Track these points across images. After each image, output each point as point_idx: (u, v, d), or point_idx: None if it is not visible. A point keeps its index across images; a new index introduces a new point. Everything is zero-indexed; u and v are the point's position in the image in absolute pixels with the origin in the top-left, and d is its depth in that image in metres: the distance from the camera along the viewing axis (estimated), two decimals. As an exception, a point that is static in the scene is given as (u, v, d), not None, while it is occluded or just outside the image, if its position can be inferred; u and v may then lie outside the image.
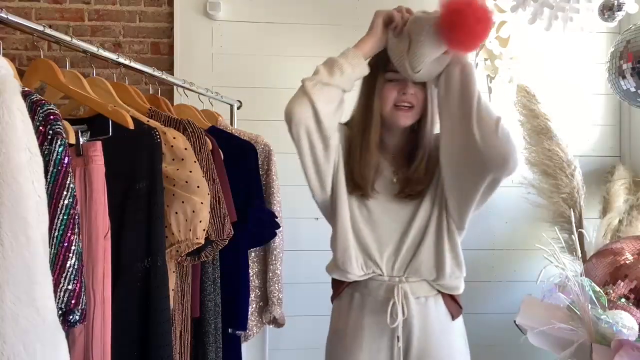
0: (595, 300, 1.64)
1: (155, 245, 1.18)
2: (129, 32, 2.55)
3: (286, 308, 2.08)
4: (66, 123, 1.02)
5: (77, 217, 0.91)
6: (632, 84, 1.90)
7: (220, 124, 1.93)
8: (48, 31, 1.22)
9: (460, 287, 1.39)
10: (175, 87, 2.20)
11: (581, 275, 1.76)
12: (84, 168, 1.05)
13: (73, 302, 0.89)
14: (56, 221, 0.88)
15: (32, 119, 0.87)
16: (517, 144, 1.24)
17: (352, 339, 1.36)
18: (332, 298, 1.47)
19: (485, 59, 2.33)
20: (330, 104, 1.25)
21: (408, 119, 1.34)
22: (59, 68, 1.24)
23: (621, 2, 1.87)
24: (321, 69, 1.26)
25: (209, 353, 1.53)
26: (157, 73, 1.67)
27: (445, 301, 1.38)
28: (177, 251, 1.28)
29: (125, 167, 1.17)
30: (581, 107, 2.64)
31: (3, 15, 1.07)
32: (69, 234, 0.90)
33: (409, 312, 1.33)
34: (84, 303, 0.91)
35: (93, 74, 1.42)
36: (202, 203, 1.27)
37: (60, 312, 0.88)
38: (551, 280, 1.83)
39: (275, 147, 2.01)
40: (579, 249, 2.20)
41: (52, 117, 0.90)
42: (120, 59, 1.49)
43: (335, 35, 2.49)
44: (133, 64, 1.55)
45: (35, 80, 1.24)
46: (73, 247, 0.90)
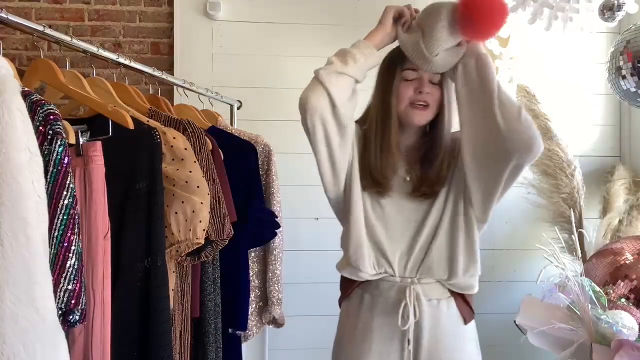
0: (595, 300, 1.64)
1: (155, 245, 1.18)
2: (129, 32, 2.55)
3: (286, 308, 2.08)
4: (66, 123, 1.02)
5: (77, 217, 0.91)
6: (632, 84, 1.90)
7: (220, 124, 1.93)
8: (48, 31, 1.22)
9: (474, 286, 1.36)
10: (175, 87, 2.20)
11: (581, 275, 1.76)
12: (84, 168, 1.05)
13: (73, 302, 0.89)
14: (56, 221, 0.88)
15: (32, 119, 0.87)
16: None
17: (361, 341, 1.34)
18: (340, 300, 1.44)
19: (485, 59, 2.33)
20: (344, 92, 1.25)
21: (423, 118, 1.34)
22: (59, 68, 1.24)
23: (621, 2, 1.87)
24: (334, 59, 1.27)
25: (209, 353, 1.53)
26: (157, 73, 1.67)
27: (458, 304, 1.35)
28: (177, 251, 1.28)
29: (125, 167, 1.17)
30: (581, 107, 2.63)
31: (3, 15, 1.07)
32: (69, 234, 0.90)
33: (421, 315, 1.30)
34: (84, 303, 0.91)
35: (93, 74, 1.42)
36: (202, 203, 1.27)
37: (60, 312, 0.88)
38: (551, 280, 1.83)
39: (275, 147, 2.01)
40: (579, 249, 2.20)
41: (52, 117, 0.90)
42: (120, 59, 1.49)
43: (335, 35, 2.49)
44: (133, 64, 1.55)
45: (35, 80, 1.23)
46: (73, 247, 0.90)
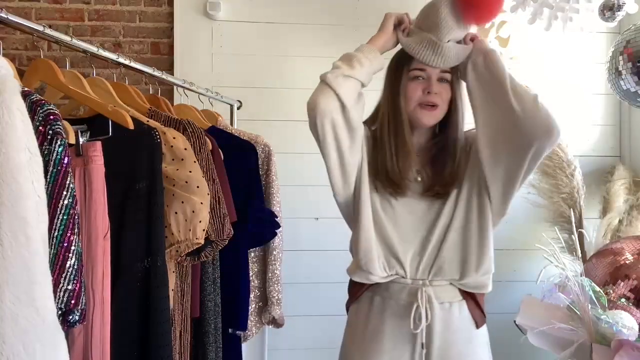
0: (595, 300, 1.64)
1: (155, 245, 1.18)
2: (129, 32, 2.55)
3: (285, 308, 2.07)
4: (66, 123, 1.02)
5: (76, 217, 0.91)
6: (632, 84, 1.90)
7: (220, 124, 1.93)
8: (48, 31, 1.22)
9: (488, 285, 1.35)
10: (175, 87, 2.20)
11: (581, 275, 1.76)
12: (84, 168, 1.05)
13: (73, 302, 0.89)
14: (56, 221, 0.88)
15: (32, 119, 0.87)
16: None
17: (371, 344, 1.33)
18: (348, 303, 1.43)
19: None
20: (352, 95, 1.26)
21: (432, 118, 1.34)
22: (59, 68, 1.24)
23: (621, 2, 1.87)
24: (340, 63, 1.28)
25: (208, 353, 1.53)
26: (157, 73, 1.67)
27: (470, 307, 1.35)
28: (176, 251, 1.28)
29: (125, 167, 1.17)
30: (581, 107, 2.63)
31: (3, 15, 1.07)
32: (69, 234, 0.90)
33: (432, 318, 1.29)
34: (84, 303, 0.91)
35: (93, 74, 1.41)
36: (201, 203, 1.27)
37: (59, 312, 0.88)
38: (551, 280, 1.83)
39: (275, 147, 2.01)
40: (579, 249, 2.20)
41: (52, 117, 0.90)
42: (120, 59, 1.49)
43: (335, 35, 2.49)
44: (133, 64, 1.55)
45: (35, 80, 1.23)
46: (73, 247, 0.90)
